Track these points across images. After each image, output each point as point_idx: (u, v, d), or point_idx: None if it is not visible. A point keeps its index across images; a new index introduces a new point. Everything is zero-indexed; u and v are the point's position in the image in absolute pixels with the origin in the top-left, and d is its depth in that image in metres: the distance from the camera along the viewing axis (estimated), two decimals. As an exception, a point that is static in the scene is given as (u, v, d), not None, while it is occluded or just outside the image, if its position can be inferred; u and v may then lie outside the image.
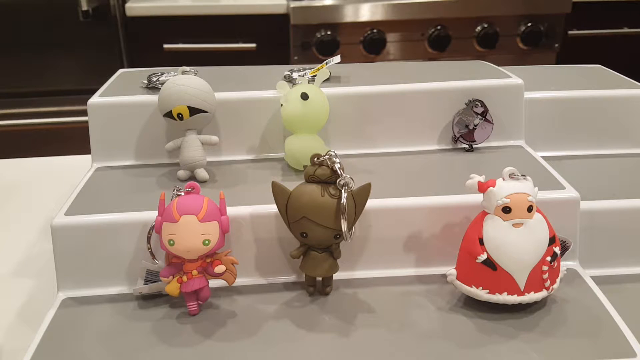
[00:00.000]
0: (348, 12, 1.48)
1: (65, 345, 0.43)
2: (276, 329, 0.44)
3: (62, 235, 0.48)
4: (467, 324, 0.44)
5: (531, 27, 1.52)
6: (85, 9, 1.42)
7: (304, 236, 0.46)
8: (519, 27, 1.53)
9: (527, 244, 0.44)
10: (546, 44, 1.55)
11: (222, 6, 1.50)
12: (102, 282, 0.49)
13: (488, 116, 0.59)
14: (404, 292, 0.48)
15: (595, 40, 1.58)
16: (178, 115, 0.52)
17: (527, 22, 1.52)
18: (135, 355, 0.42)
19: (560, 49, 1.55)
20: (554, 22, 1.53)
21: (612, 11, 1.57)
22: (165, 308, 0.47)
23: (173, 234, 0.43)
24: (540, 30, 1.52)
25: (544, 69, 0.73)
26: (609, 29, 1.58)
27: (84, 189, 0.53)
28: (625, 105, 0.62)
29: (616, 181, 0.57)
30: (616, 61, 0.89)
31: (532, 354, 0.41)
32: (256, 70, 0.67)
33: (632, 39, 1.60)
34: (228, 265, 0.45)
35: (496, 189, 0.44)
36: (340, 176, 0.45)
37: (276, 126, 0.58)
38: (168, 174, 0.56)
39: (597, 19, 1.57)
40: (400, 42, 1.53)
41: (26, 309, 0.53)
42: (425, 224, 0.50)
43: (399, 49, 1.53)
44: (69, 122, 1.47)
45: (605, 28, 1.58)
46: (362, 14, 1.48)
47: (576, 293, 0.48)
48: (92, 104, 0.57)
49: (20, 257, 0.61)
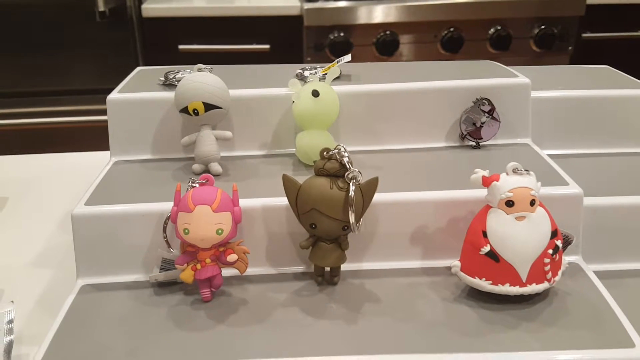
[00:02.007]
0: (361, 14, 1.49)
1: (84, 329, 0.45)
2: (285, 315, 0.46)
3: (82, 224, 0.50)
4: (470, 314, 0.46)
5: (545, 29, 1.52)
6: (102, 9, 1.45)
7: (313, 227, 0.47)
8: (533, 29, 1.53)
9: (529, 236, 0.45)
10: (560, 47, 1.54)
11: (237, 7, 1.52)
12: (120, 269, 0.51)
13: (495, 114, 0.60)
14: (409, 283, 0.50)
15: (609, 42, 1.58)
16: (194, 110, 0.54)
17: (540, 25, 1.52)
18: (151, 338, 0.44)
19: (574, 52, 1.55)
20: (568, 25, 1.53)
21: (626, 14, 1.56)
22: (179, 295, 0.49)
23: (188, 223, 0.45)
24: (554, 33, 1.52)
25: (552, 69, 0.74)
26: (622, 32, 1.58)
27: (102, 181, 0.55)
28: (630, 105, 0.63)
29: (620, 179, 0.58)
30: (630, 64, 0.89)
31: (533, 343, 0.43)
32: (269, 69, 0.69)
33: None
34: (240, 255, 0.47)
35: (500, 183, 0.46)
36: (348, 170, 0.46)
37: (288, 122, 0.60)
38: (183, 167, 0.58)
39: (611, 21, 1.57)
40: (413, 44, 1.53)
41: (45, 298, 0.55)
42: (431, 218, 0.51)
43: (412, 50, 1.54)
44: (85, 121, 1.50)
45: (619, 31, 1.57)
46: (375, 16, 1.49)
47: (578, 286, 0.49)
48: (111, 99, 0.59)
49: (39, 248, 0.63)
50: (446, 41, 1.52)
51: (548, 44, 1.54)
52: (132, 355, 0.42)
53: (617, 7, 1.55)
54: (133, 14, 1.50)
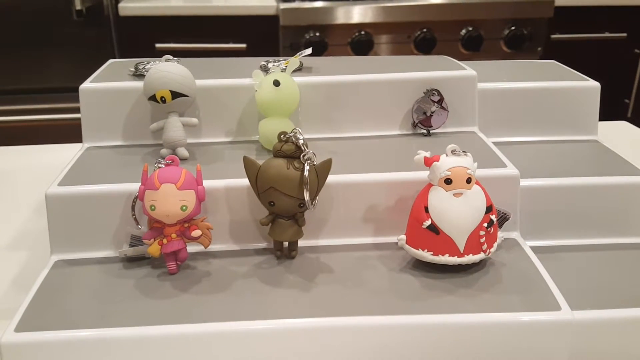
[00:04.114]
0: (337, 14, 1.52)
1: (57, 299, 0.48)
2: (246, 285, 0.50)
3: (55, 203, 0.53)
4: (413, 282, 0.50)
5: (515, 30, 1.56)
6: (79, 8, 1.47)
7: (271, 205, 0.51)
8: (503, 30, 1.57)
9: (465, 211, 0.50)
10: (529, 47, 1.59)
11: (213, 7, 1.54)
12: (91, 246, 0.54)
13: (444, 104, 0.65)
14: (360, 256, 0.54)
15: (576, 43, 1.63)
16: (161, 98, 0.58)
17: (510, 26, 1.56)
18: (120, 305, 0.47)
19: (544, 52, 1.60)
20: (537, 26, 1.57)
21: (594, 16, 1.61)
22: (147, 268, 0.52)
23: (154, 200, 0.49)
24: (524, 34, 1.57)
25: (501, 64, 0.79)
26: (590, 33, 1.63)
27: (75, 164, 0.59)
28: (569, 96, 0.68)
29: (556, 163, 0.63)
30: (598, 64, 0.93)
31: (469, 306, 0.47)
32: (235, 62, 0.73)
33: (613, 43, 1.65)
34: (204, 230, 0.51)
35: (439, 163, 0.50)
36: (303, 151, 0.50)
37: (251, 111, 0.64)
38: (152, 152, 0.61)
39: (578, 23, 1.62)
40: (388, 44, 1.57)
41: (20, 276, 0.58)
42: (381, 198, 0.56)
43: (386, 50, 1.57)
44: (62, 118, 1.51)
45: (586, 32, 1.63)
46: (350, 16, 1.52)
47: (513, 258, 0.53)
48: (83, 88, 0.63)
49: (13, 233, 0.66)
50: (419, 41, 1.55)
51: (518, 45, 1.58)
52: (103, 320, 0.46)
53: (584, 9, 1.60)
54: (110, 13, 1.51)
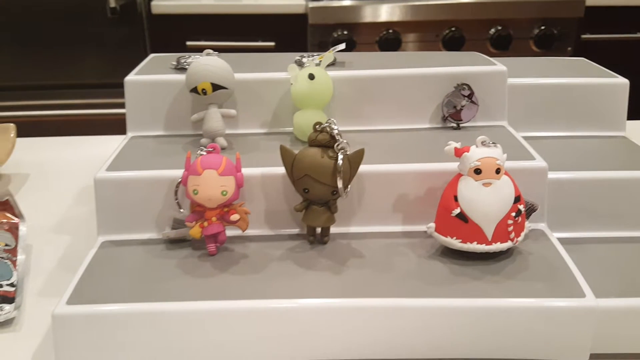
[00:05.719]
0: (365, 13, 1.54)
1: (105, 277, 0.52)
2: (280, 267, 0.53)
3: (103, 187, 0.57)
4: (441, 268, 0.52)
5: (544, 30, 1.56)
6: (113, 6, 1.51)
7: (306, 192, 0.54)
8: (533, 30, 1.57)
9: (494, 200, 0.51)
10: (559, 47, 1.58)
11: (243, 5, 1.57)
12: (136, 228, 0.57)
13: (474, 98, 0.66)
14: (390, 243, 0.56)
15: (607, 44, 1.62)
16: (202, 90, 0.61)
17: (540, 25, 1.56)
18: (163, 283, 0.50)
19: (573, 53, 1.59)
20: (567, 26, 1.57)
21: (625, 16, 1.60)
22: (188, 250, 0.55)
23: (197, 184, 0.52)
24: (554, 34, 1.56)
25: (531, 60, 0.80)
26: (621, 34, 1.62)
27: (121, 152, 0.62)
28: (598, 92, 0.69)
29: (583, 157, 0.64)
30: (628, 65, 0.93)
31: (494, 292, 0.49)
32: (271, 57, 0.75)
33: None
34: (242, 214, 0.54)
35: (469, 154, 0.52)
36: (337, 141, 0.53)
37: (287, 103, 0.66)
38: (192, 142, 0.64)
39: (609, 23, 1.61)
40: (415, 43, 1.58)
41: (64, 257, 0.62)
42: (411, 187, 0.58)
43: (414, 49, 1.58)
44: (96, 114, 1.55)
45: (617, 32, 1.62)
46: (378, 15, 1.53)
47: (540, 248, 0.55)
48: (128, 81, 0.66)
49: (58, 218, 0.69)
50: (447, 40, 1.56)
51: (547, 45, 1.57)
52: (147, 295, 0.49)
53: (615, 9, 1.59)
54: (143, 11, 1.56)
